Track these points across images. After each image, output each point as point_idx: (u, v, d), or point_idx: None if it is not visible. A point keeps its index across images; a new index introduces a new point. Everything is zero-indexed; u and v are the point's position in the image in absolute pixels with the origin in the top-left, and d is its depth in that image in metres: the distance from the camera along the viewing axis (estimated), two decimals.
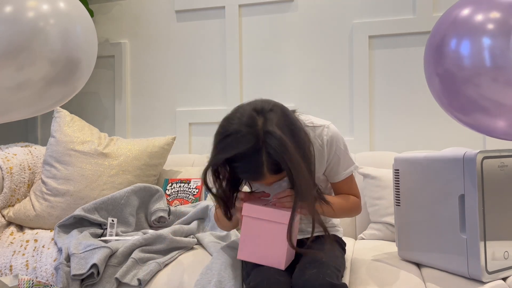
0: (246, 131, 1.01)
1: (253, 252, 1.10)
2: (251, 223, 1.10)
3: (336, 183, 1.26)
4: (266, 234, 1.09)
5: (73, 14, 1.17)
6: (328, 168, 1.25)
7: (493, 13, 1.13)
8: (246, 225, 1.10)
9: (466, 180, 1.08)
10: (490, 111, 1.18)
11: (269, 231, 1.08)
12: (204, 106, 2.37)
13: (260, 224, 1.09)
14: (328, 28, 2.20)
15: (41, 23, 1.08)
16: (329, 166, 1.24)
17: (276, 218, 1.07)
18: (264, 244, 1.09)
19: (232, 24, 2.31)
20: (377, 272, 1.20)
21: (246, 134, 1.01)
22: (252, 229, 1.10)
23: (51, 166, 1.82)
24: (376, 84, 2.13)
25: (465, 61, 1.15)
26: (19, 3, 1.06)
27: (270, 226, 1.08)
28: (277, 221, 1.07)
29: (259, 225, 1.09)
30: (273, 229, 1.08)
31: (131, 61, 2.51)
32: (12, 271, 1.45)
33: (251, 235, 1.10)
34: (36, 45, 1.07)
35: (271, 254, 1.09)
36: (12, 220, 1.76)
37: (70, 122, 1.93)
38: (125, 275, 1.31)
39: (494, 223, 1.08)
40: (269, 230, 1.08)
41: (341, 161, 1.23)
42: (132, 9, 2.51)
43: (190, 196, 1.89)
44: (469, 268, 1.08)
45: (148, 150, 1.91)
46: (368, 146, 2.09)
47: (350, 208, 1.26)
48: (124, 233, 1.59)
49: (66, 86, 1.18)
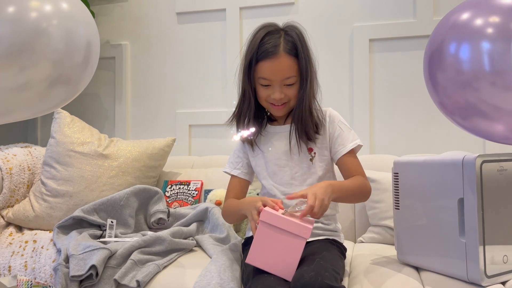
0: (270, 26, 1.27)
1: (263, 259, 1.08)
2: (268, 230, 1.06)
3: (344, 159, 1.29)
4: (281, 244, 1.06)
5: (76, 15, 1.17)
6: (333, 141, 1.31)
7: (493, 17, 1.13)
8: (261, 232, 1.07)
9: (465, 184, 1.08)
10: (489, 115, 1.18)
11: (285, 242, 1.05)
12: (204, 108, 2.38)
13: (277, 233, 1.05)
14: (329, 31, 2.20)
15: (44, 23, 1.08)
16: (333, 138, 1.31)
17: (296, 230, 1.05)
18: (277, 253, 1.06)
19: (233, 26, 2.31)
20: (376, 276, 1.20)
21: (268, 26, 1.27)
22: (267, 237, 1.06)
23: (51, 167, 1.82)
24: (376, 87, 2.13)
25: (464, 65, 1.15)
26: (22, 4, 1.06)
27: (287, 237, 1.05)
28: (296, 233, 1.04)
29: (275, 234, 1.06)
30: (289, 241, 1.05)
31: (132, 63, 2.51)
32: (11, 272, 1.45)
33: (265, 242, 1.07)
34: (38, 46, 1.07)
35: (282, 264, 1.06)
36: (11, 220, 1.76)
37: (70, 123, 1.93)
38: (124, 277, 1.31)
39: (493, 227, 1.08)
40: (285, 241, 1.05)
41: (345, 133, 1.31)
42: (133, 11, 2.52)
43: (190, 198, 1.89)
44: (468, 272, 1.08)
45: (148, 151, 1.91)
46: (368, 149, 2.09)
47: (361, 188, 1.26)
48: (123, 235, 1.59)
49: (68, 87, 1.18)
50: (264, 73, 1.24)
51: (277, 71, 1.23)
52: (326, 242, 1.26)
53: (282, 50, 1.22)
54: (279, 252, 1.06)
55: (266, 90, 1.27)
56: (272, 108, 1.30)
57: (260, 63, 1.24)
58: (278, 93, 1.25)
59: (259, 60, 1.24)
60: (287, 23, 1.29)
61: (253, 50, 1.25)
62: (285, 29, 1.27)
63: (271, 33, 1.25)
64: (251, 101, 1.30)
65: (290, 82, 1.25)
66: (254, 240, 1.08)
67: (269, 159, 1.33)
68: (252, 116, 1.32)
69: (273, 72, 1.23)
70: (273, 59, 1.22)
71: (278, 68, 1.23)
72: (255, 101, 1.31)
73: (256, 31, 1.28)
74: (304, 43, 1.26)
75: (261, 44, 1.23)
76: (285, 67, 1.23)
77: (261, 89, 1.28)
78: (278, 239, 1.06)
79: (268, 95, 1.27)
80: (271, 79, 1.24)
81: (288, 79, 1.24)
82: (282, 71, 1.23)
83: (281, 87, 1.25)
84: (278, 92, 1.25)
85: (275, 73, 1.23)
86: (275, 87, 1.25)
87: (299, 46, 1.24)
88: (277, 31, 1.26)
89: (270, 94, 1.26)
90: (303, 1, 2.24)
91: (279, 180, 1.32)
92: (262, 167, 1.35)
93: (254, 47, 1.24)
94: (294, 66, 1.24)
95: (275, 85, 1.25)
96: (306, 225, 1.05)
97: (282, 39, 1.24)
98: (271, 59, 1.22)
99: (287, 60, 1.23)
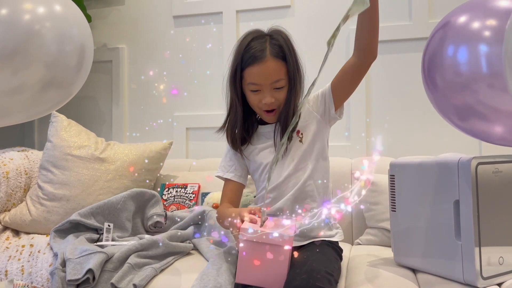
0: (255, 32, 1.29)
1: (252, 276, 1.06)
2: (250, 246, 1.04)
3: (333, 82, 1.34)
4: (266, 257, 1.03)
5: (69, 17, 1.15)
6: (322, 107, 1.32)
7: (490, 20, 1.14)
8: (244, 249, 1.04)
9: (461, 186, 1.08)
10: (487, 117, 1.19)
11: (269, 254, 1.03)
12: (201, 111, 2.38)
13: (260, 247, 1.03)
14: (325, 33, 2.20)
15: (37, 25, 1.06)
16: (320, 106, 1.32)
17: (278, 241, 1.02)
18: (264, 267, 1.04)
19: (230, 29, 2.32)
20: (373, 278, 1.20)
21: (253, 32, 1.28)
22: (251, 253, 1.04)
23: (48, 171, 1.82)
24: (373, 89, 2.14)
25: (461, 67, 1.16)
26: (15, 6, 1.04)
27: (270, 249, 1.03)
28: (278, 244, 1.02)
29: (258, 248, 1.03)
30: (274, 252, 1.02)
31: (129, 66, 2.51)
32: (8, 276, 1.44)
33: (249, 258, 1.04)
34: (31, 48, 1.05)
35: (272, 276, 1.05)
36: (8, 225, 1.76)
37: (67, 126, 1.93)
38: (120, 280, 1.30)
39: (489, 229, 1.08)
40: (270, 253, 1.03)
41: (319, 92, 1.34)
42: (130, 14, 2.52)
43: (187, 201, 1.89)
44: (464, 273, 1.08)
45: (145, 155, 1.91)
46: (365, 152, 2.10)
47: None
48: (120, 238, 1.59)
49: (61, 90, 1.17)
50: (253, 78, 1.24)
51: (266, 74, 1.23)
52: (322, 244, 1.25)
53: (269, 54, 1.23)
54: (266, 265, 1.04)
55: (256, 96, 1.27)
56: (265, 115, 1.30)
57: (248, 69, 1.24)
58: (269, 97, 1.25)
59: (247, 66, 1.24)
60: (272, 28, 1.30)
61: (239, 58, 1.26)
62: (270, 34, 1.28)
63: (256, 39, 1.26)
64: (237, 110, 1.31)
65: (280, 86, 1.25)
66: (239, 259, 1.06)
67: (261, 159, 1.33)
68: (240, 125, 1.32)
69: (261, 76, 1.23)
70: (261, 63, 1.22)
71: (266, 72, 1.23)
72: (243, 110, 1.32)
73: (241, 38, 1.29)
74: (290, 46, 1.27)
75: (247, 50, 1.24)
76: (273, 71, 1.23)
77: (252, 96, 1.28)
78: (262, 253, 1.03)
79: (259, 100, 1.26)
80: (260, 83, 1.24)
81: (277, 82, 1.24)
82: (270, 74, 1.23)
83: (271, 91, 1.25)
84: (268, 97, 1.25)
85: (263, 77, 1.23)
86: (265, 92, 1.25)
87: (285, 49, 1.25)
88: (262, 37, 1.27)
89: (261, 99, 1.26)
90: (299, 4, 2.25)
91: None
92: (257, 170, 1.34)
93: (239, 54, 1.26)
94: (282, 69, 1.24)
95: (264, 90, 1.25)
96: (287, 234, 1.02)
97: (268, 43, 1.24)
98: (258, 64, 1.23)
99: (274, 63, 1.23)
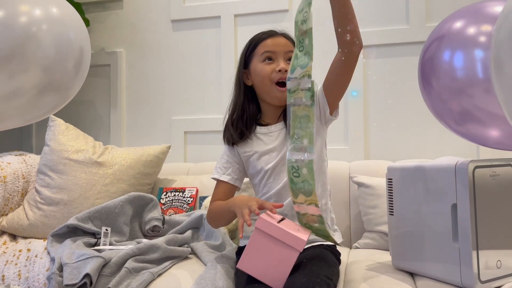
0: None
1: (254, 266, 1.07)
2: (262, 238, 1.05)
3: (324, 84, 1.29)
4: (274, 254, 1.05)
5: (66, 19, 1.14)
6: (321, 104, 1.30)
7: (485, 26, 1.14)
8: (255, 239, 1.06)
9: (458, 190, 1.08)
10: (483, 121, 1.19)
11: (278, 251, 1.04)
12: (199, 115, 2.38)
13: (271, 242, 1.05)
14: (323, 38, 2.21)
15: (34, 28, 1.05)
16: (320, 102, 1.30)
17: (291, 242, 1.04)
18: (269, 262, 1.05)
19: (228, 33, 2.32)
20: (371, 282, 1.20)
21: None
22: (261, 245, 1.05)
23: (45, 175, 1.81)
24: (370, 93, 2.14)
25: (458, 72, 1.16)
26: (11, 8, 1.03)
27: (280, 247, 1.04)
28: (290, 245, 1.04)
29: (269, 242, 1.05)
30: (283, 251, 1.04)
31: (127, 70, 2.51)
32: (4, 281, 1.44)
33: (258, 249, 1.06)
34: (28, 51, 1.04)
35: (272, 273, 1.05)
36: (5, 229, 1.75)
37: (65, 130, 1.93)
38: (118, 285, 1.30)
39: (487, 232, 1.08)
40: (279, 251, 1.04)
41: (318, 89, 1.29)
42: (128, 18, 2.52)
43: (185, 205, 1.88)
44: (462, 277, 1.08)
45: (143, 159, 1.91)
46: (363, 155, 2.10)
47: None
48: (118, 243, 1.58)
49: (59, 94, 1.16)
50: (267, 47, 1.31)
51: (280, 44, 1.31)
52: (321, 248, 1.26)
53: (280, 33, 1.34)
54: (271, 261, 1.05)
55: (269, 65, 1.30)
56: (276, 90, 1.29)
57: (262, 43, 1.32)
58: (283, 63, 1.29)
59: (261, 41, 1.32)
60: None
61: (250, 45, 1.34)
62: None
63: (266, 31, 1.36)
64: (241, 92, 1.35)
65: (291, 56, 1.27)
66: (247, 246, 1.08)
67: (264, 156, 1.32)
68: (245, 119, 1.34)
69: (275, 45, 1.31)
70: (274, 37, 1.32)
71: (279, 42, 1.32)
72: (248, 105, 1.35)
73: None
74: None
75: (258, 34, 1.35)
76: (286, 43, 1.32)
77: (265, 67, 1.30)
78: (271, 248, 1.05)
79: (273, 69, 1.29)
80: (275, 50, 1.30)
81: (290, 53, 1.28)
82: (284, 44, 1.32)
83: (285, 60, 1.30)
84: (282, 63, 1.29)
85: (278, 44, 1.31)
86: (279, 60, 1.30)
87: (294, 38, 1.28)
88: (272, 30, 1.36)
89: (274, 68, 1.29)
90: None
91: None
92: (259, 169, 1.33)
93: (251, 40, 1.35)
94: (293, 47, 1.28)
95: (278, 58, 1.30)
96: (301, 237, 1.04)
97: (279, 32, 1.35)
98: (272, 37, 1.32)
99: (286, 40, 1.33)
